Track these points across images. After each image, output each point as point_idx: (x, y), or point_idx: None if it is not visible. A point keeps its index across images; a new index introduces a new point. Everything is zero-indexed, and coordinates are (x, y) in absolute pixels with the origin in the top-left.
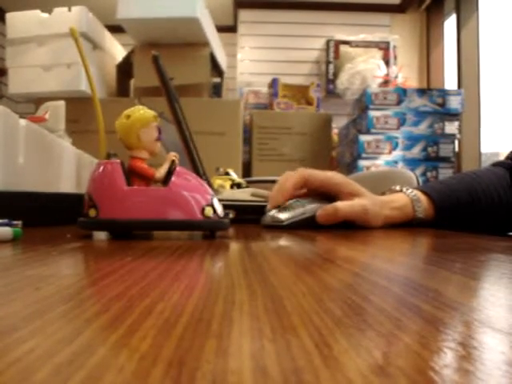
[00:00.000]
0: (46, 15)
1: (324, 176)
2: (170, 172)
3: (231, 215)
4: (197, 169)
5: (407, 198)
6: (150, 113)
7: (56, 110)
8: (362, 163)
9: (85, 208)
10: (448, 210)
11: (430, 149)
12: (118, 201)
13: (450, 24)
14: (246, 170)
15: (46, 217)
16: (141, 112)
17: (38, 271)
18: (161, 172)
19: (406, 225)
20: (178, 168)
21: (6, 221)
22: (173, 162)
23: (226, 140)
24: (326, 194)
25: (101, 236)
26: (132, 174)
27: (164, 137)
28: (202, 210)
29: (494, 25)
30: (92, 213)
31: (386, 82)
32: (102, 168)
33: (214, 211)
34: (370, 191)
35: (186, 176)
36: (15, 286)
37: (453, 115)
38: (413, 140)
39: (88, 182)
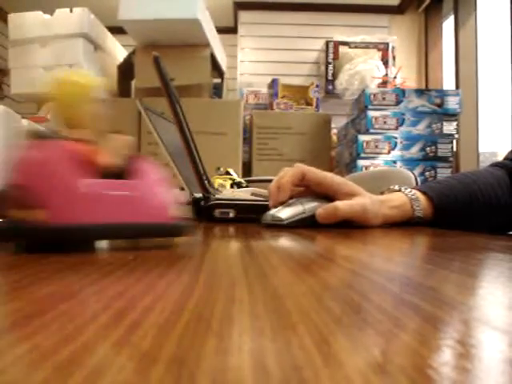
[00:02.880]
0: (47, 16)
1: (322, 174)
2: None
3: (231, 214)
4: (197, 168)
5: (406, 197)
6: (94, 80)
7: None
8: (361, 163)
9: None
10: (446, 209)
11: (428, 149)
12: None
13: (448, 25)
14: (246, 170)
15: None
16: (83, 81)
17: (41, 269)
18: (111, 160)
19: (404, 224)
20: (136, 156)
21: None
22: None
23: (226, 140)
24: (325, 194)
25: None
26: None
27: (166, 137)
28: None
29: (492, 25)
30: (40, 215)
31: (384, 83)
32: (42, 153)
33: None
34: (369, 191)
35: (149, 167)
36: (18, 284)
37: (451, 115)
38: (411, 140)
39: (16, 171)
